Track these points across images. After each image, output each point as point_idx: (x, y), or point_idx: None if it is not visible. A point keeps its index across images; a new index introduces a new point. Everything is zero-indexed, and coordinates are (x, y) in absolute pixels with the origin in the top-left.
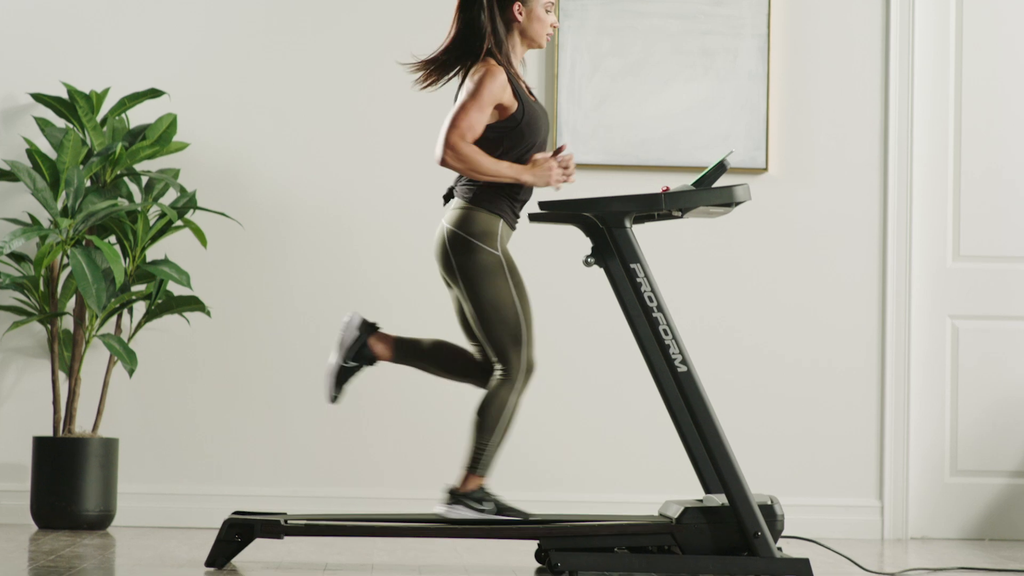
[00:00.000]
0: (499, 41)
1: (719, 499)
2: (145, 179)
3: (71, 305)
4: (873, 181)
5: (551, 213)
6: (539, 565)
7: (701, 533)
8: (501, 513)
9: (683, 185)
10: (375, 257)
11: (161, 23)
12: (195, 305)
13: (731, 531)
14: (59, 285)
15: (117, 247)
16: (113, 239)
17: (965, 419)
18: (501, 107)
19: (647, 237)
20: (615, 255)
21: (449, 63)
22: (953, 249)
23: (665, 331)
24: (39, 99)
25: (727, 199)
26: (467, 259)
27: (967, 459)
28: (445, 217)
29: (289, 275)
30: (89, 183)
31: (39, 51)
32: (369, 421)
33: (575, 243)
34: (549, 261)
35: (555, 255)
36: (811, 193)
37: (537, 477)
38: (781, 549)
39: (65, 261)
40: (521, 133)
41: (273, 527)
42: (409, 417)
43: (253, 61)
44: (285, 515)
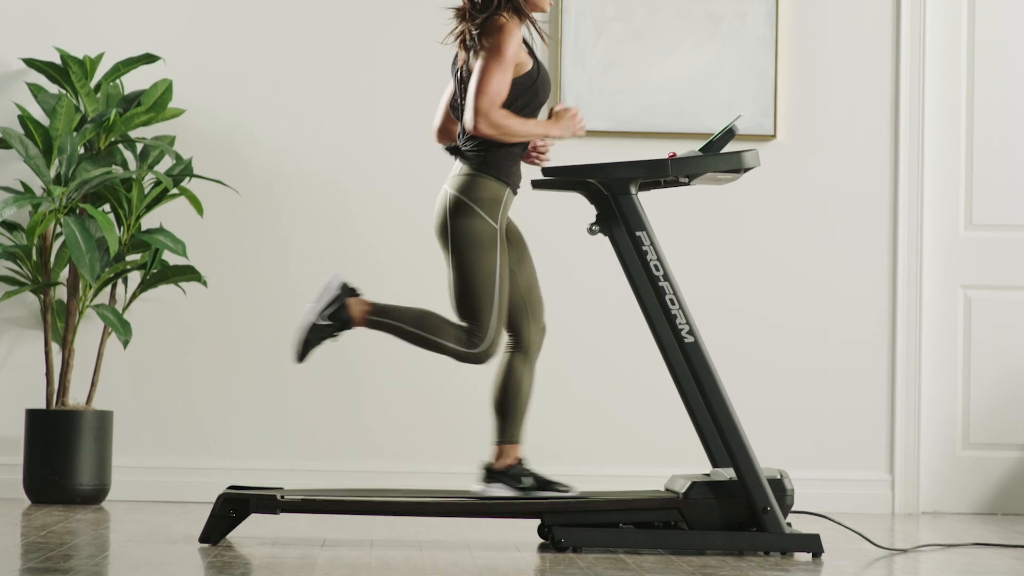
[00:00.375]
0: None
1: (727, 473)
2: (140, 146)
3: (64, 275)
4: (884, 149)
5: (555, 180)
6: (542, 541)
7: (709, 508)
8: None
9: (690, 151)
10: (374, 224)
11: None
12: (191, 275)
13: (739, 506)
14: (52, 254)
15: (111, 215)
16: (107, 207)
17: (977, 391)
18: (518, 64)
19: (651, 206)
20: (620, 223)
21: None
22: (965, 218)
23: (672, 300)
24: (32, 64)
25: (736, 165)
26: (463, 223)
27: (979, 432)
28: (449, 182)
29: (287, 243)
30: (83, 150)
31: (32, 15)
32: (368, 393)
33: (580, 211)
34: (552, 229)
35: (558, 223)
36: (820, 161)
37: (538, 451)
38: (791, 524)
39: (58, 230)
40: (536, 90)
41: (269, 502)
42: (408, 390)
43: (250, 26)
44: (281, 490)
